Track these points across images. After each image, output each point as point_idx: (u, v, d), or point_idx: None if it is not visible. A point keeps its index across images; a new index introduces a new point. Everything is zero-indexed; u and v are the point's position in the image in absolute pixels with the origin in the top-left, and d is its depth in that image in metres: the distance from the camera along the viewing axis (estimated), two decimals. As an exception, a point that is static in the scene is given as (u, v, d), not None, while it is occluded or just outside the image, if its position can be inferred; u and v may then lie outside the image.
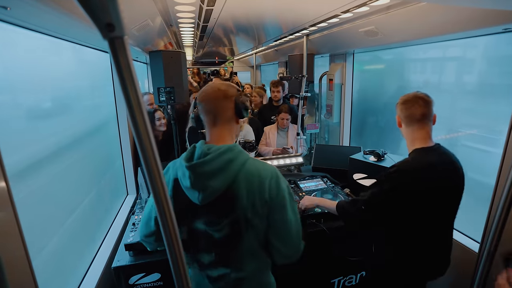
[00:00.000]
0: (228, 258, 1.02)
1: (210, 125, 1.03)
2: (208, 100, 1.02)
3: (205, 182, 0.93)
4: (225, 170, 0.94)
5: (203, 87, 1.06)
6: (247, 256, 1.03)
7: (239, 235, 0.99)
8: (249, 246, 1.01)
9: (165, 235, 0.46)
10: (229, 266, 1.03)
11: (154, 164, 0.43)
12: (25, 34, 1.25)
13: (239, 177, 0.96)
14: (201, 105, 1.03)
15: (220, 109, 1.01)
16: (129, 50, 0.38)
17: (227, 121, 1.03)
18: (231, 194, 0.95)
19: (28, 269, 0.92)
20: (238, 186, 0.95)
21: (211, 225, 0.99)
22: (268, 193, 0.97)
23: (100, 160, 2.17)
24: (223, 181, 0.94)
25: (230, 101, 1.02)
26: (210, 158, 0.94)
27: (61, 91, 1.67)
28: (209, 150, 0.96)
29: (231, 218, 0.97)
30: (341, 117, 3.25)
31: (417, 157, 1.32)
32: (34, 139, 1.32)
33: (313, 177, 2.27)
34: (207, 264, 1.04)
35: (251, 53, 5.79)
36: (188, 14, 2.13)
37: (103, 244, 1.86)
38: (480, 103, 2.00)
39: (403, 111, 1.35)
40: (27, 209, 1.06)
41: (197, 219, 1.01)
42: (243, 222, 0.97)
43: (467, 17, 1.43)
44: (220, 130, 1.03)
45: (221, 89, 1.02)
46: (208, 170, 0.93)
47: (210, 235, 1.00)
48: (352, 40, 2.47)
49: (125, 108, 0.40)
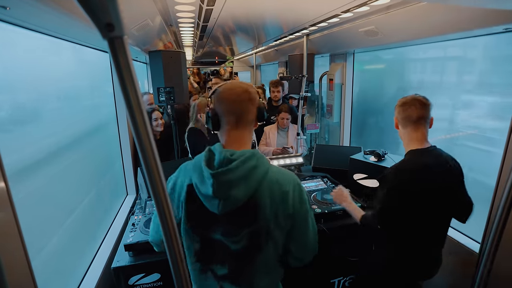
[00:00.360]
0: (241, 273, 0.96)
1: (231, 126, 0.96)
2: (233, 100, 0.95)
3: (227, 191, 0.87)
4: (249, 178, 0.88)
5: (224, 85, 0.99)
6: (261, 272, 0.97)
7: (258, 248, 0.93)
8: (266, 260, 0.96)
9: (164, 235, 0.46)
10: (240, 283, 0.97)
11: (154, 164, 0.43)
12: (25, 34, 1.25)
13: (262, 186, 0.90)
14: (222, 104, 0.96)
15: (245, 111, 0.96)
16: (128, 50, 0.38)
17: (249, 124, 0.99)
18: (253, 203, 0.90)
19: (27, 270, 0.92)
20: (261, 195, 0.90)
21: (228, 235, 0.93)
22: (292, 206, 0.93)
23: (99, 160, 2.17)
24: (246, 190, 0.88)
25: (254, 103, 0.98)
26: (235, 166, 0.87)
27: (60, 91, 1.67)
28: (232, 156, 0.90)
29: (251, 229, 0.91)
30: (342, 117, 3.25)
31: (412, 158, 1.35)
32: (33, 139, 1.32)
33: (313, 177, 2.27)
34: (220, 276, 0.97)
35: (251, 53, 5.78)
36: (188, 14, 2.13)
37: (103, 245, 1.86)
38: (480, 103, 2.00)
39: (400, 113, 1.39)
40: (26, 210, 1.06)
41: (214, 229, 0.94)
42: (264, 233, 0.92)
43: (468, 17, 1.43)
44: (241, 133, 0.97)
45: (248, 90, 0.96)
46: (232, 179, 0.87)
47: (226, 246, 0.94)
48: (352, 40, 2.47)
49: (125, 108, 0.40)
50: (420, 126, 1.35)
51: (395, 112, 1.42)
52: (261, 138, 3.16)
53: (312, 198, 1.92)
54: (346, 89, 3.13)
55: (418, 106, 1.33)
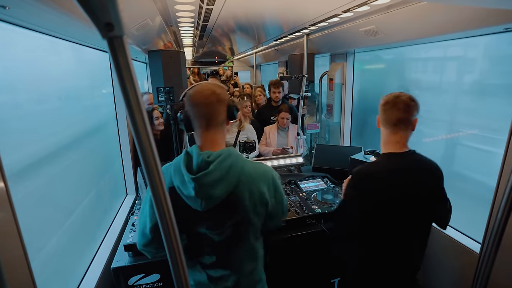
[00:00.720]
0: (229, 260, 1.05)
1: (203, 129, 1.01)
2: (201, 103, 0.99)
3: (209, 191, 0.93)
4: (228, 176, 0.95)
5: (193, 87, 1.02)
6: (246, 257, 1.06)
7: (241, 236, 1.02)
8: (249, 246, 1.05)
9: (164, 236, 0.46)
10: (229, 268, 1.05)
11: (153, 164, 0.43)
12: (24, 33, 1.25)
13: (241, 181, 0.97)
14: (193, 108, 1.00)
15: (214, 113, 1.00)
16: (128, 49, 0.38)
17: (220, 125, 1.03)
18: (233, 198, 0.97)
19: (26, 270, 0.92)
20: (240, 190, 0.97)
21: (213, 229, 1.00)
22: (268, 195, 1.03)
23: (99, 160, 2.17)
24: (226, 187, 0.95)
25: (223, 104, 1.01)
26: (214, 168, 0.93)
27: (60, 90, 1.67)
28: (209, 157, 0.95)
29: (233, 220, 0.99)
30: (342, 117, 3.25)
31: (383, 161, 1.28)
32: (33, 139, 1.32)
33: (314, 177, 2.27)
34: (208, 264, 1.05)
35: (251, 53, 5.79)
36: (187, 14, 2.13)
37: (102, 245, 1.86)
38: (480, 103, 2.00)
39: (381, 113, 1.31)
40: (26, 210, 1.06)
41: (199, 225, 1.00)
42: (245, 223, 1.01)
43: (468, 16, 1.43)
44: (213, 134, 1.02)
45: (215, 92, 0.99)
46: (212, 180, 0.93)
47: (211, 238, 1.01)
48: (352, 40, 2.47)
49: (125, 108, 0.40)
50: (399, 130, 1.26)
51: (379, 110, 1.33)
52: (261, 138, 3.16)
53: (312, 198, 1.92)
54: (346, 89, 3.13)
55: (400, 107, 1.23)
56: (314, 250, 1.76)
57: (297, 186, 2.13)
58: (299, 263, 1.78)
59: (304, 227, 1.73)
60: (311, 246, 1.74)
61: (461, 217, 1.36)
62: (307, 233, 1.70)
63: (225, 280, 1.06)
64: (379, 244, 1.29)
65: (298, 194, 1.99)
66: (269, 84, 3.70)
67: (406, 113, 1.23)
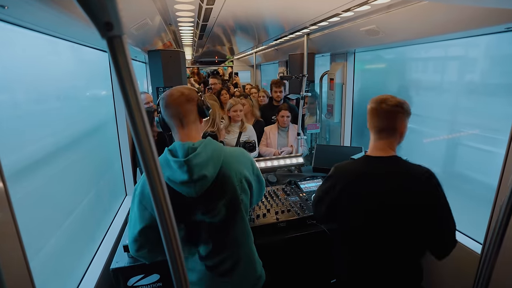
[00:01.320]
0: (226, 243, 1.15)
1: (179, 127, 1.12)
2: (172, 104, 1.10)
3: (200, 171, 1.03)
4: (214, 158, 1.07)
5: (164, 92, 1.14)
6: (241, 236, 1.18)
7: (235, 215, 1.13)
8: (243, 224, 1.17)
9: (164, 235, 0.46)
10: (226, 250, 1.15)
11: (153, 164, 0.43)
12: (23, 33, 1.25)
13: (224, 162, 1.10)
14: (165, 110, 1.11)
15: (185, 112, 1.11)
16: (127, 49, 0.38)
17: (193, 123, 1.14)
18: (221, 178, 1.08)
19: (25, 271, 0.92)
20: (226, 170, 1.10)
21: (208, 212, 1.09)
22: (250, 173, 1.19)
23: (98, 160, 2.17)
24: (214, 168, 1.07)
25: (193, 103, 1.12)
26: (201, 150, 1.05)
27: (59, 90, 1.67)
28: (194, 145, 1.06)
29: (225, 200, 1.10)
30: (342, 117, 3.25)
31: (362, 161, 1.25)
32: (32, 139, 1.32)
33: (314, 177, 2.27)
34: (205, 256, 1.13)
35: (251, 52, 5.79)
36: (187, 13, 2.13)
37: (102, 245, 1.86)
38: (482, 103, 2.00)
39: (367, 116, 1.25)
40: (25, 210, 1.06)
41: (195, 211, 1.09)
42: (236, 201, 1.12)
43: (469, 16, 1.43)
44: (188, 131, 1.13)
45: (184, 93, 1.11)
46: (202, 161, 1.04)
47: (208, 223, 1.10)
48: (353, 39, 2.47)
49: (124, 108, 0.40)
50: (383, 137, 1.20)
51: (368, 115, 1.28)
52: (262, 139, 3.16)
53: (312, 199, 1.92)
54: (347, 88, 3.13)
55: (382, 116, 1.17)
56: (314, 251, 1.76)
57: (297, 187, 2.13)
58: (299, 264, 1.78)
59: (305, 227, 1.73)
60: (312, 246, 1.74)
61: (462, 218, 1.35)
62: (307, 233, 1.70)
63: (224, 263, 1.15)
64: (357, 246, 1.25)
65: (298, 195, 1.99)
66: (270, 83, 3.70)
67: (391, 122, 1.17)
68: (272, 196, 1.96)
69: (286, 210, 1.78)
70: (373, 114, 1.22)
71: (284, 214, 1.75)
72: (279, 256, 1.67)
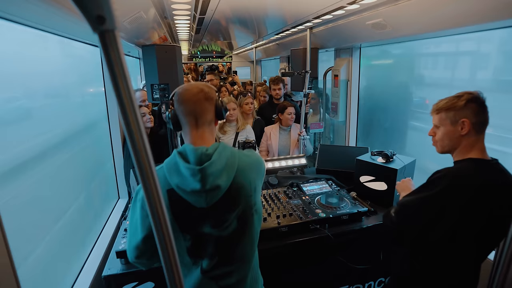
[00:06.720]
0: (233, 257, 1.10)
1: (192, 127, 1.07)
2: (189, 100, 1.05)
3: (214, 182, 0.98)
4: (228, 167, 1.02)
5: (182, 86, 1.10)
6: (250, 249, 1.13)
7: (245, 228, 1.08)
8: (252, 236, 1.11)
9: (159, 241, 0.46)
10: (234, 264, 1.11)
11: (147, 165, 0.43)
12: (9, 26, 1.25)
13: (238, 170, 1.05)
14: (180, 106, 1.07)
15: (202, 111, 1.06)
16: (120, 44, 0.38)
17: (209, 124, 1.09)
18: (234, 188, 1.03)
19: (12, 278, 0.92)
20: (239, 179, 1.04)
21: (218, 225, 1.05)
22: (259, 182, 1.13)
23: (89, 161, 2.18)
24: (228, 178, 1.02)
25: (211, 102, 1.08)
26: (216, 158, 1.00)
27: (48, 88, 1.68)
28: (208, 150, 1.01)
29: (237, 212, 1.05)
30: (347, 115, 3.25)
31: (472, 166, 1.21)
32: (18, 139, 1.32)
33: (317, 179, 2.27)
34: (207, 269, 1.09)
35: (251, 47, 5.79)
36: (183, 6, 2.13)
37: (93, 251, 1.86)
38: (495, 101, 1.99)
39: (475, 115, 1.21)
40: (12, 214, 1.06)
41: (203, 223, 1.04)
42: (248, 213, 1.07)
43: (482, 8, 1.43)
44: (202, 132, 1.08)
45: (203, 90, 1.06)
46: (216, 170, 0.99)
47: (215, 236, 1.06)
48: (358, 34, 2.48)
49: (117, 106, 0.40)
50: (483, 135, 1.25)
51: (464, 110, 1.22)
52: (261, 141, 3.12)
53: (316, 202, 1.92)
54: (352, 85, 3.13)
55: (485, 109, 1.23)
56: (317, 257, 1.76)
57: (300, 189, 2.13)
58: (302, 270, 1.78)
59: (307, 232, 1.73)
60: (315, 252, 1.74)
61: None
62: (310, 238, 1.70)
63: (229, 277, 1.11)
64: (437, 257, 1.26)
65: (301, 198, 1.99)
66: (269, 81, 3.70)
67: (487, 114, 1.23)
68: (273, 199, 1.96)
69: (288, 214, 1.78)
70: (484, 108, 1.23)
71: (286, 218, 1.75)
72: (280, 262, 1.67)
